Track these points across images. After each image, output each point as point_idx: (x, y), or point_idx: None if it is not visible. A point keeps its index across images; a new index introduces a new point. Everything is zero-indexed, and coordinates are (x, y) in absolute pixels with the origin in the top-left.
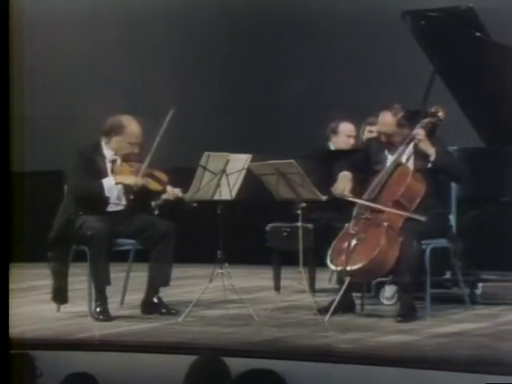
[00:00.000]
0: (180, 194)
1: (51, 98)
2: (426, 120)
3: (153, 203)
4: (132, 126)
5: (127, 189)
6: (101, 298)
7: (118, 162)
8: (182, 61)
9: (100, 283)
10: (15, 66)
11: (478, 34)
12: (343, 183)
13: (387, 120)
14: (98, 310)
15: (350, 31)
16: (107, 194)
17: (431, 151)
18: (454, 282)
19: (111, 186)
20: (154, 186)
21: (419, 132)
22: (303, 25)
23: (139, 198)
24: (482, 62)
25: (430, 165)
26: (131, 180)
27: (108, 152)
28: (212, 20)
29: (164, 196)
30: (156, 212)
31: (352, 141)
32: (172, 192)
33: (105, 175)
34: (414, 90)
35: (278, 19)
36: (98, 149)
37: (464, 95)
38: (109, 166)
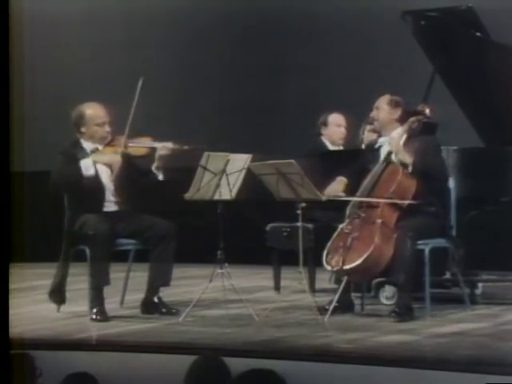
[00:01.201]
0: (172, 145)
1: (51, 97)
2: (412, 119)
3: (152, 168)
4: (91, 108)
5: (110, 166)
6: (98, 298)
7: (100, 148)
8: (182, 61)
9: (99, 283)
10: (15, 66)
11: (478, 33)
12: (337, 186)
13: (381, 98)
14: (94, 310)
15: (351, 31)
16: (84, 172)
17: (408, 161)
18: (454, 282)
19: (88, 164)
20: (136, 150)
21: (393, 144)
22: (303, 25)
23: (129, 171)
24: (482, 62)
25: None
26: (108, 155)
27: (87, 144)
28: (212, 21)
29: (159, 153)
30: (160, 177)
31: (343, 130)
32: (163, 146)
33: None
34: (414, 90)
35: (278, 20)
36: (77, 144)
37: (464, 95)
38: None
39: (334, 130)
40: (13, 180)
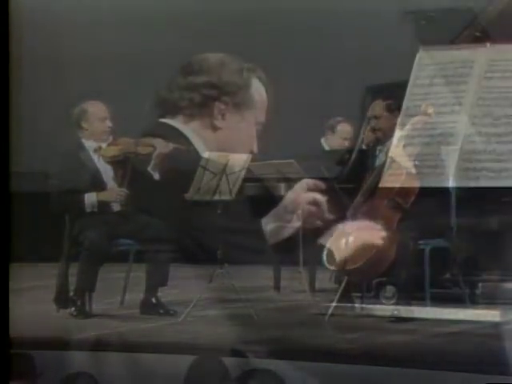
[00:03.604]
0: (172, 144)
1: (51, 98)
2: (416, 119)
3: (148, 168)
4: (92, 104)
5: (114, 164)
6: (80, 300)
7: (104, 145)
8: (182, 60)
9: (85, 287)
10: (15, 66)
11: (477, 33)
12: None
13: (377, 104)
14: (73, 309)
15: (350, 31)
16: (87, 208)
17: (409, 166)
18: (454, 282)
19: (93, 200)
20: (142, 149)
21: (393, 149)
22: (303, 24)
23: (135, 169)
24: (481, 62)
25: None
26: (114, 150)
27: (89, 143)
28: (212, 20)
29: (160, 151)
30: (156, 176)
31: (347, 143)
32: (165, 145)
33: (92, 167)
34: (414, 90)
35: (278, 19)
36: (78, 144)
37: (464, 95)
38: (94, 156)
39: (339, 142)
40: (13, 180)
